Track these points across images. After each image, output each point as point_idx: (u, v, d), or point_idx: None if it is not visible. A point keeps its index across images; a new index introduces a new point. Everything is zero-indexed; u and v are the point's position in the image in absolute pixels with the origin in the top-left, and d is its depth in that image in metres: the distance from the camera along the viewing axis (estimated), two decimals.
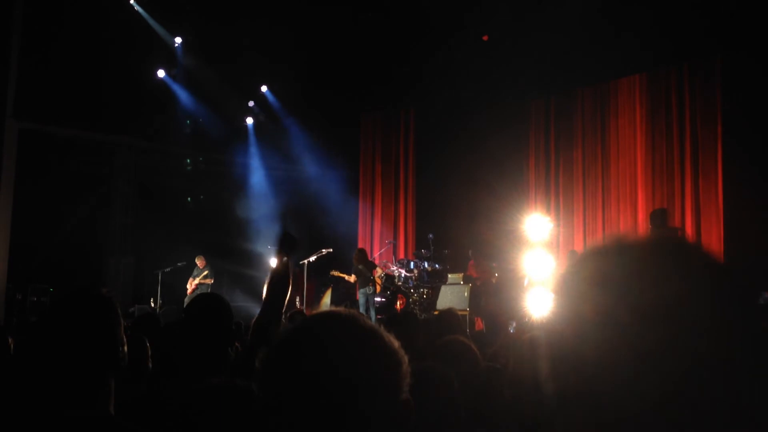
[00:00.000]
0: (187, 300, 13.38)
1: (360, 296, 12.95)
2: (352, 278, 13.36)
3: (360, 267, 13.03)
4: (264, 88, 16.58)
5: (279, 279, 2.87)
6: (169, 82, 15.36)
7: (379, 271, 13.51)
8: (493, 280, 12.69)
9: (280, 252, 2.96)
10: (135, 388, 3.17)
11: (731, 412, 0.78)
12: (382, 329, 1.16)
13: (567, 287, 0.90)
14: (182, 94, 15.38)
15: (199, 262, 14.56)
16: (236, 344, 4.62)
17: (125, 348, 1.93)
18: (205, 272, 14.47)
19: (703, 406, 0.77)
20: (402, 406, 1.12)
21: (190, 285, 14.43)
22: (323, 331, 1.15)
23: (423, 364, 2.31)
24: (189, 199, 16.58)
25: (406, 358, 1.16)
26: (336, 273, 13.90)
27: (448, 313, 5.42)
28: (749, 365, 0.79)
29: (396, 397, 1.12)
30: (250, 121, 16.95)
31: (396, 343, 1.16)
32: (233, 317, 3.32)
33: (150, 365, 3.57)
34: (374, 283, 12.99)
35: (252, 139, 16.87)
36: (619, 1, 11.76)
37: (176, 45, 15.21)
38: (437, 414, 2.25)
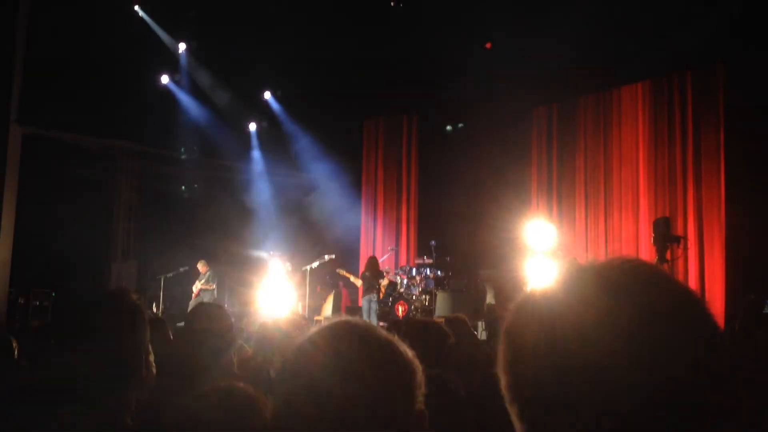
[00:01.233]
0: (191, 304, 13.44)
1: (363, 302, 13.20)
2: (359, 282, 13.54)
3: (368, 273, 13.28)
4: (267, 94, 16.62)
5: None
6: (173, 87, 15.39)
7: (385, 282, 13.63)
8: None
9: None
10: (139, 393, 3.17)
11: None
12: (396, 339, 1.17)
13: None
14: (186, 100, 15.41)
15: (201, 267, 14.53)
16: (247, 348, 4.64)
17: (150, 357, 1.86)
18: (207, 277, 14.46)
19: None
20: (417, 417, 1.13)
21: (195, 290, 14.44)
22: (339, 341, 1.15)
23: (429, 372, 2.31)
24: (183, 187, 16.54)
25: (420, 368, 1.16)
26: (342, 272, 14.08)
27: (457, 320, 5.36)
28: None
29: (410, 408, 1.12)
30: (253, 127, 16.98)
31: (410, 353, 1.17)
32: (232, 326, 3.35)
33: (154, 371, 3.58)
34: (378, 290, 13.20)
35: (255, 144, 16.89)
36: (622, 8, 11.78)
37: (180, 51, 15.24)
38: (444, 423, 2.25)
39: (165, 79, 15.26)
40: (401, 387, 1.13)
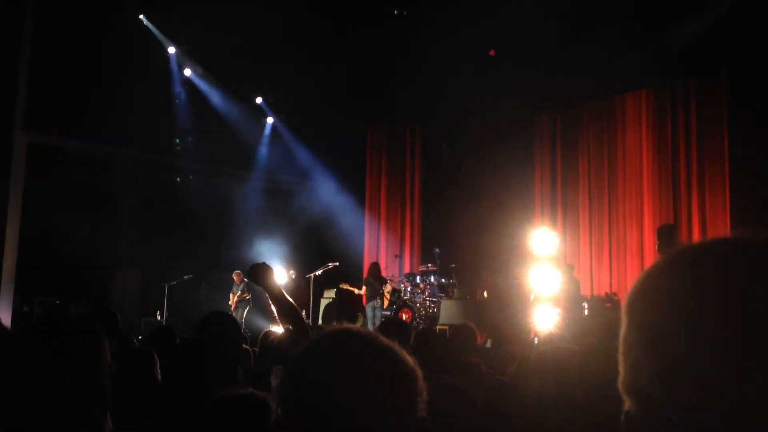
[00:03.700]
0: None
1: (367, 309, 13.14)
2: (363, 290, 13.48)
3: (371, 280, 13.25)
4: (270, 102, 16.66)
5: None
6: (177, 95, 15.43)
7: (388, 287, 13.61)
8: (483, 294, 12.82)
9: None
10: (143, 400, 3.19)
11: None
12: (397, 346, 1.17)
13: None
14: (189, 108, 15.45)
15: (236, 277, 14.62)
16: (254, 350, 4.67)
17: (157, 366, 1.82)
18: (242, 288, 14.58)
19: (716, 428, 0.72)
20: (418, 424, 1.13)
21: (232, 301, 14.52)
22: (340, 348, 1.16)
23: (444, 380, 2.31)
24: (178, 179, 16.56)
25: (421, 375, 1.17)
26: (345, 286, 14.05)
27: (463, 328, 5.31)
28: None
29: (412, 416, 1.13)
30: (256, 134, 17.01)
31: (411, 360, 1.17)
32: (241, 334, 3.40)
33: (159, 378, 3.58)
34: (382, 297, 13.16)
35: (258, 152, 16.93)
36: (625, 16, 11.80)
37: (184, 59, 15.29)
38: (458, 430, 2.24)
39: (169, 86, 15.31)
40: (402, 394, 1.13)
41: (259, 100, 16.49)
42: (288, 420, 1.12)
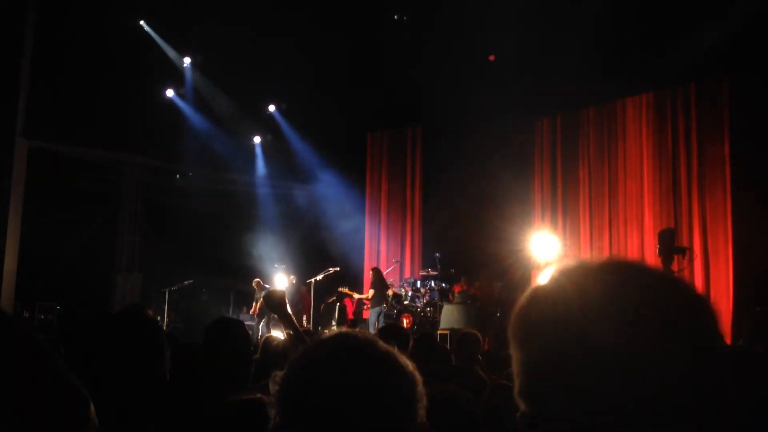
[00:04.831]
0: (255, 323, 13.96)
1: (371, 314, 13.05)
2: (370, 294, 13.40)
3: (378, 284, 13.23)
4: (272, 108, 16.68)
5: None
6: (178, 101, 15.45)
7: (391, 292, 13.59)
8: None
9: None
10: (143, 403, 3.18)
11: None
12: (396, 352, 1.16)
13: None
14: (190, 114, 15.47)
15: (256, 285, 14.63)
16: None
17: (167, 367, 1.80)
18: (262, 295, 14.60)
19: None
20: (419, 429, 1.12)
21: (254, 308, 14.55)
22: (338, 353, 1.15)
23: (444, 388, 2.30)
24: (177, 176, 16.57)
25: (420, 381, 1.16)
26: (345, 290, 14.01)
27: (468, 335, 5.27)
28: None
29: (412, 420, 1.12)
30: (257, 140, 17.03)
31: (411, 366, 1.16)
32: (249, 339, 3.41)
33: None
34: (388, 302, 13.14)
35: (259, 157, 16.93)
36: (626, 20, 11.80)
37: (185, 65, 15.32)
38: None
39: (170, 92, 15.33)
40: (402, 399, 1.12)
41: (259, 105, 16.51)
42: (286, 426, 1.11)
